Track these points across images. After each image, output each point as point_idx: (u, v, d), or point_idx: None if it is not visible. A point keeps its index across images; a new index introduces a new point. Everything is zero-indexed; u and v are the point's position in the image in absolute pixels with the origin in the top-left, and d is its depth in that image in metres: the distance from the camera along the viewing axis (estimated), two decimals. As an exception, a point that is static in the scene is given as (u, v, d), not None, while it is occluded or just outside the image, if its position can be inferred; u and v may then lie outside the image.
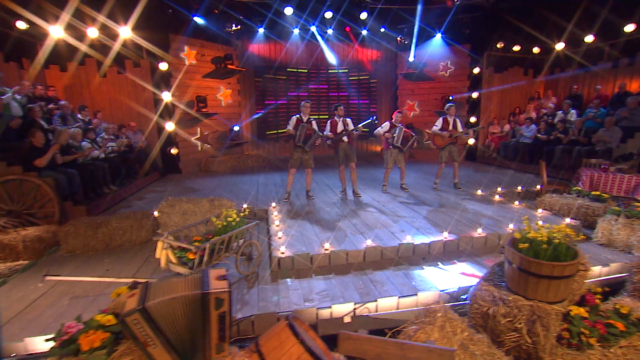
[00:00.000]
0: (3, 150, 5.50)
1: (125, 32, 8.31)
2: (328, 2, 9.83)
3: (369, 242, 4.32)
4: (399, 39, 11.48)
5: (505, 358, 2.00)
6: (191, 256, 3.55)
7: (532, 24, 9.38)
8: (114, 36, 8.43)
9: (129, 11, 8.23)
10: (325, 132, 6.73)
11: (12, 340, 2.84)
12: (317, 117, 12.29)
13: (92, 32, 8.19)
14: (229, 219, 3.92)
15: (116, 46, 8.44)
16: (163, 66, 8.72)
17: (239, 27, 10.38)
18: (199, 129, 9.82)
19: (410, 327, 2.01)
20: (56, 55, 8.24)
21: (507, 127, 9.91)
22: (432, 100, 11.19)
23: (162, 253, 3.57)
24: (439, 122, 7.10)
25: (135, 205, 6.37)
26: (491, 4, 9.59)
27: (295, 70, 11.77)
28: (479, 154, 10.61)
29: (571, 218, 5.23)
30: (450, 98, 10.55)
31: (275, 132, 11.80)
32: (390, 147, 6.94)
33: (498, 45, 9.85)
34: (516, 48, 9.89)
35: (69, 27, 8.01)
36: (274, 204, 6.07)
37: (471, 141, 10.47)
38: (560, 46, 9.26)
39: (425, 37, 10.78)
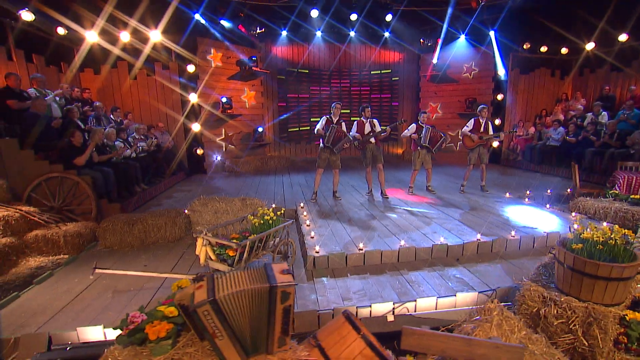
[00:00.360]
0: (45, 149, 5.71)
1: (156, 35, 8.54)
2: (353, 4, 9.88)
3: (402, 243, 4.30)
4: (421, 41, 11.41)
5: (565, 359, 1.96)
6: (231, 253, 3.60)
7: (560, 23, 9.18)
8: (144, 40, 8.66)
9: (159, 15, 8.45)
10: (352, 133, 6.75)
11: (64, 329, 2.94)
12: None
13: (125, 36, 8.45)
14: (266, 217, 3.98)
15: (147, 49, 8.67)
16: (191, 68, 8.90)
17: (263, 29, 10.51)
18: (223, 130, 9.96)
19: (467, 325, 1.99)
20: (91, 59, 8.52)
21: (532, 130, 9.71)
22: (456, 103, 11.07)
23: (202, 250, 3.64)
24: (471, 124, 7.03)
25: (164, 204, 6.51)
26: (517, 4, 9.43)
27: (318, 71, 11.83)
28: (504, 157, 10.43)
29: (607, 222, 5.08)
30: (474, 100, 10.42)
31: (297, 129, 11.85)
32: (419, 147, 6.91)
33: (525, 46, 9.67)
34: (543, 49, 9.69)
35: (103, 32, 8.27)
36: (302, 204, 6.11)
37: (495, 144, 10.31)
38: (590, 46, 9.03)
39: (449, 38, 10.68)
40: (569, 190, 6.76)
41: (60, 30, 7.82)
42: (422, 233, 4.70)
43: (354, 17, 9.88)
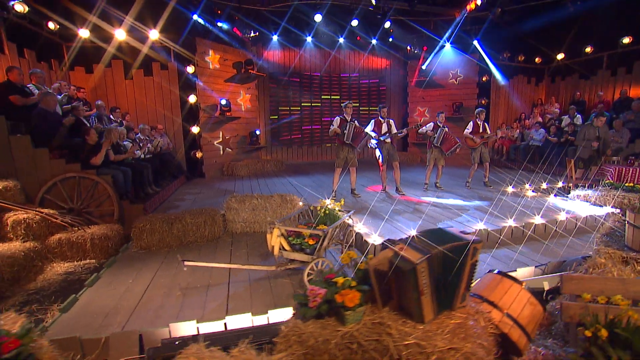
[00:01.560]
0: (59, 148, 5.32)
1: (154, 34, 8.27)
2: (351, 9, 10.17)
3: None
4: (408, 48, 11.97)
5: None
6: (311, 242, 3.64)
7: (534, 35, 10.12)
8: (142, 39, 8.35)
9: (157, 14, 8.21)
10: (368, 131, 6.96)
11: (156, 327, 2.80)
12: (328, 116, 12.52)
13: (120, 34, 8.10)
14: (333, 206, 4.07)
15: (144, 48, 8.36)
16: (190, 69, 8.68)
17: (256, 33, 10.50)
18: (221, 133, 9.77)
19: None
20: (83, 57, 8.05)
21: (516, 132, 10.52)
22: (442, 107, 11.67)
23: (276, 241, 3.63)
24: (470, 126, 7.50)
25: (182, 206, 6.28)
26: (497, 17, 10.26)
27: (309, 75, 11.98)
28: (491, 156, 11.14)
29: (612, 207, 5.66)
30: (481, 106, 11.09)
31: (289, 137, 11.89)
32: (432, 146, 7.26)
33: (505, 55, 10.51)
34: (520, 58, 10.58)
35: (96, 29, 7.88)
36: (327, 201, 6.17)
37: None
38: (560, 56, 10.03)
39: (435, 46, 11.32)
40: (560, 183, 7.43)
41: (51, 25, 7.35)
42: (458, 221, 4.97)
43: (355, 22, 10.18)
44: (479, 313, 2.00)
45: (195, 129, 8.89)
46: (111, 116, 7.44)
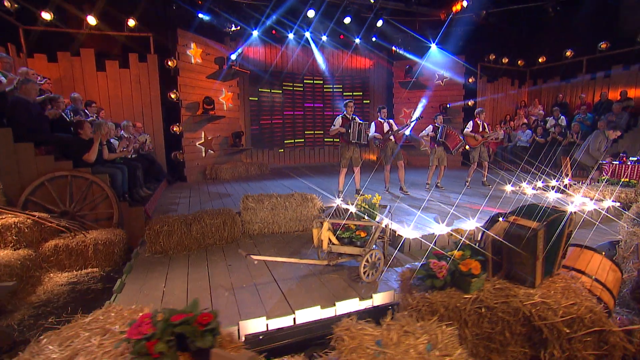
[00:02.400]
0: (44, 144, 4.95)
1: (131, 22, 8.00)
2: (321, 9, 10.42)
3: (474, 223, 4.80)
4: (393, 49, 12.48)
5: None
6: (362, 234, 3.72)
7: (517, 39, 11.02)
8: (118, 26, 8.02)
9: (135, 0, 7.97)
10: (372, 134, 7.20)
11: (224, 326, 2.72)
12: (311, 115, 12.68)
13: (92, 20, 7.75)
14: (374, 200, 4.20)
15: (121, 37, 8.04)
16: (172, 63, 8.44)
17: (238, 27, 10.44)
18: (203, 133, 9.53)
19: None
20: (45, 42, 7.55)
21: (501, 133, 11.28)
22: (429, 108, 12.27)
23: (325, 235, 3.68)
24: (470, 125, 8.00)
25: (178, 210, 6.06)
26: (482, 19, 11.06)
27: (291, 73, 12.08)
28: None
29: (613, 200, 6.30)
30: (448, 106, 11.74)
31: (270, 136, 11.85)
32: (435, 145, 7.62)
33: (490, 57, 11.32)
34: (504, 60, 11.45)
35: (61, 12, 7.49)
36: (338, 200, 6.26)
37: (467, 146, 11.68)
38: (542, 59, 11.00)
39: (420, 47, 11.91)
40: (554, 181, 8.10)
41: (7, 3, 6.86)
42: (480, 218, 5.27)
43: (347, 20, 10.45)
44: (574, 278, 2.23)
45: (177, 128, 8.61)
46: (86, 110, 7.02)
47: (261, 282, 3.56)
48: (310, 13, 9.83)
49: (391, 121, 7.45)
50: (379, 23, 10.77)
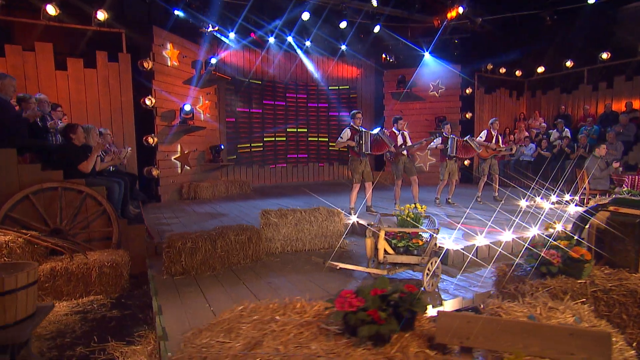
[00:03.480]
0: (25, 150, 4.79)
1: (101, 15, 7.96)
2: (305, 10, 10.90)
3: (509, 235, 5.25)
4: (383, 56, 13.17)
5: None
6: (420, 242, 3.94)
7: (515, 48, 12.08)
8: (83, 18, 7.93)
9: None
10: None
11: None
12: (295, 130, 12.93)
13: (51, 10, 7.63)
14: (420, 208, 4.45)
15: (87, 32, 7.96)
16: (147, 64, 8.42)
17: (215, 27, 10.62)
18: (179, 147, 9.45)
19: None
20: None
21: (515, 148, 12.05)
22: (423, 121, 12.95)
23: (381, 245, 3.87)
24: (484, 135, 8.59)
25: (174, 230, 5.99)
26: (477, 27, 12.05)
27: (272, 82, 12.34)
28: (476, 175, 12.57)
29: None
30: (444, 118, 12.47)
31: (249, 145, 11.89)
32: (447, 159, 8.08)
33: (487, 67, 12.27)
34: (502, 70, 12.46)
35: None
36: (354, 217, 6.47)
37: (466, 162, 12.42)
38: (541, 69, 12.10)
39: (414, 56, 12.67)
40: (567, 196, 8.82)
41: None
42: (510, 231, 5.69)
43: (343, 24, 10.96)
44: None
45: (151, 140, 8.50)
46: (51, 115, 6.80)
47: (317, 296, 3.64)
48: (305, 15, 10.24)
49: (406, 134, 7.88)
50: (376, 29, 11.39)
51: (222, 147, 10.41)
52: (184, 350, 1.73)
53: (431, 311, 3.07)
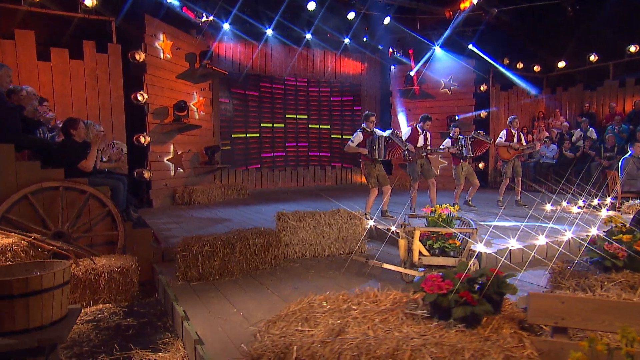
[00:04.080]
0: (24, 146, 4.86)
1: (88, 1, 8.05)
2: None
3: (543, 239, 5.46)
4: (390, 50, 13.42)
5: None
6: (458, 243, 4.09)
7: (533, 41, 12.40)
8: (70, 5, 8.02)
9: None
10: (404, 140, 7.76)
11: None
12: (294, 119, 13.07)
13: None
14: (453, 209, 4.63)
15: (73, 20, 8.05)
16: (139, 56, 8.51)
17: (210, 17, 10.76)
18: (172, 147, 9.52)
19: None
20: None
21: (539, 145, 12.26)
22: (434, 121, 13.12)
23: (416, 246, 4.01)
24: (503, 134, 8.82)
25: (179, 236, 6.07)
26: (492, 18, 12.35)
27: (270, 77, 12.49)
28: (490, 179, 12.81)
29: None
30: (457, 118, 12.71)
31: (244, 135, 12.00)
32: (461, 161, 8.27)
33: (504, 62, 12.57)
34: (519, 65, 12.77)
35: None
36: (371, 222, 6.62)
37: (481, 165, 12.66)
38: (561, 64, 12.44)
39: (423, 50, 12.94)
40: (596, 200, 9.07)
41: None
42: (544, 235, 5.88)
43: (351, 15, 11.18)
44: None
45: (143, 139, 8.57)
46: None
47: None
48: (311, 5, 10.45)
49: (428, 134, 8.07)
50: (386, 20, 11.63)
51: (219, 148, 10.49)
52: (262, 339, 1.84)
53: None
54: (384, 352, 1.58)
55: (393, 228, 6.20)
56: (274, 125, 12.70)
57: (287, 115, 12.89)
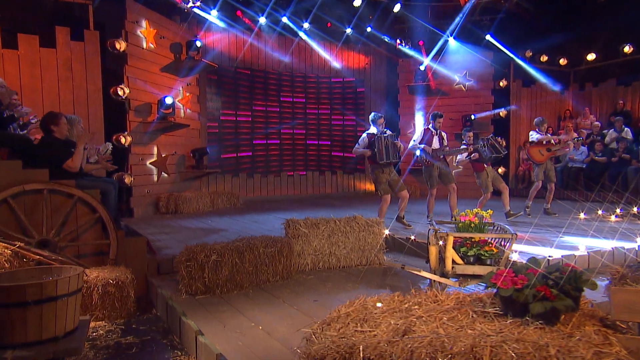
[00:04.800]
0: (3, 145, 4.92)
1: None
2: None
3: (582, 249, 5.64)
4: (397, 41, 13.62)
5: None
6: (495, 250, 4.21)
7: (559, 31, 12.67)
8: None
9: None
10: (416, 144, 7.96)
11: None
12: (291, 132, 13.19)
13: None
14: (486, 214, 4.77)
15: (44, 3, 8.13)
16: (120, 44, 8.58)
17: (197, 2, 10.89)
18: (156, 149, 9.59)
19: None
20: None
21: (572, 145, 12.47)
22: (447, 121, 13.30)
23: (448, 253, 4.14)
24: (534, 137, 9.03)
25: (172, 247, 6.15)
26: (513, 5, 12.62)
27: (263, 72, 12.63)
28: (512, 186, 13.01)
29: None
30: (473, 117, 12.94)
31: (235, 155, 12.11)
32: (485, 166, 8.42)
33: (526, 54, 12.84)
34: (543, 58, 13.04)
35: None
36: (386, 231, 6.75)
37: (501, 169, 12.88)
38: (591, 57, 12.73)
39: (436, 42, 13.16)
40: (636, 208, 9.29)
41: None
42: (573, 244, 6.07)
43: (357, 2, 11.36)
44: None
45: (124, 139, 8.62)
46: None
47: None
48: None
49: (444, 134, 8.25)
50: (396, 8, 11.84)
51: (208, 150, 10.58)
52: (319, 341, 1.93)
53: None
54: (461, 349, 1.68)
55: (412, 237, 6.35)
56: (268, 125, 12.82)
57: (282, 105, 13.02)
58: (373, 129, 7.56)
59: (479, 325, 1.87)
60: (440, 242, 4.40)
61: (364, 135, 7.55)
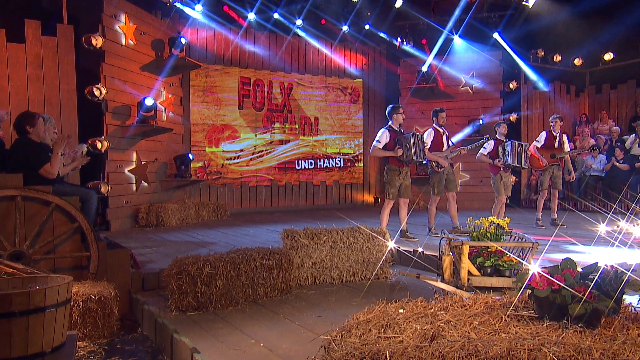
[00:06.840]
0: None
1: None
2: None
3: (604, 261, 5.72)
4: (398, 40, 13.77)
5: None
6: (514, 260, 4.28)
7: (574, 29, 12.89)
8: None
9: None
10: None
11: None
12: (282, 132, 13.25)
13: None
14: (503, 222, 4.86)
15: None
16: (96, 40, 8.62)
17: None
18: (135, 155, 9.60)
19: None
20: None
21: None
22: (453, 125, 13.46)
23: (464, 264, 4.20)
24: (542, 138, 9.14)
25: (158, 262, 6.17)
26: (523, 1, 12.81)
27: (253, 71, 12.72)
28: (524, 197, 13.13)
29: None
30: (481, 121, 13.07)
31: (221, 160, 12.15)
32: (501, 170, 8.49)
33: (538, 54, 13.03)
34: (557, 58, 13.23)
35: None
36: (391, 243, 6.79)
37: (512, 179, 13.00)
38: (609, 56, 12.95)
39: (440, 40, 13.32)
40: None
41: None
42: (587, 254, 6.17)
43: None
44: None
45: (100, 145, 8.62)
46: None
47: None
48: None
49: (447, 134, 8.35)
50: (398, 3, 11.99)
51: (191, 157, 10.60)
52: (339, 348, 1.97)
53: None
54: (497, 352, 1.72)
55: (420, 249, 6.40)
56: (257, 130, 12.88)
57: (271, 103, 13.10)
58: (394, 124, 7.61)
59: (513, 328, 1.92)
60: (450, 253, 4.48)
61: (384, 130, 7.54)
